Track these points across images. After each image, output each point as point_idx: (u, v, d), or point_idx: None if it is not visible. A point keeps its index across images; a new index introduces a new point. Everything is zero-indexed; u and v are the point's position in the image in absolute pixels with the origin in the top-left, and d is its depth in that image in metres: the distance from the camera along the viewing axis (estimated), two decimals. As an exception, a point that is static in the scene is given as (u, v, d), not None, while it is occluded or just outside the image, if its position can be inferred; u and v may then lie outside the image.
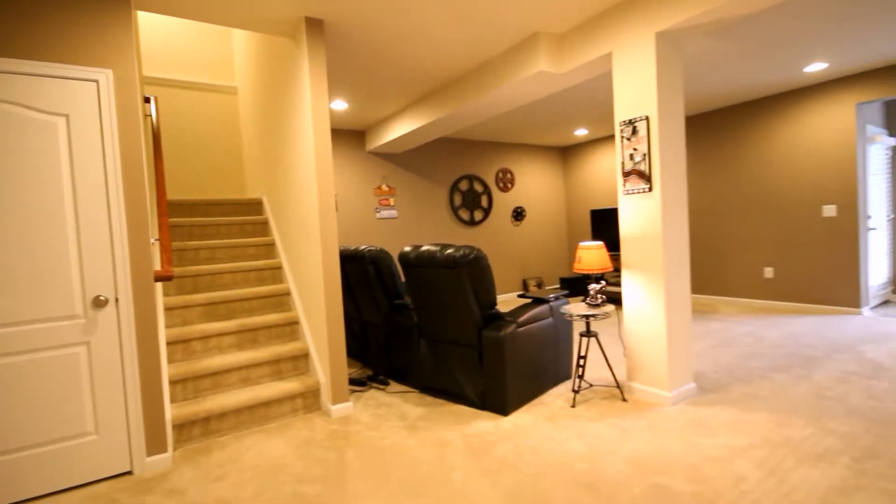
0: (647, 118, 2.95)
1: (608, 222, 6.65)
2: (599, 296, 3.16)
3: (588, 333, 3.13)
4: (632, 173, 3.06)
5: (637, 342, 3.10)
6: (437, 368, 3.32)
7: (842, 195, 5.05)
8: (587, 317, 3.02)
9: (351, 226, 6.21)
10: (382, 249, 3.77)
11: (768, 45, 3.89)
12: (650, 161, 2.95)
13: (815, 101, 5.16)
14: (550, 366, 3.33)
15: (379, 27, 3.23)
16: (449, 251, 3.02)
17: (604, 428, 2.67)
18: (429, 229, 6.85)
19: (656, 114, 2.91)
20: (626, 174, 3.09)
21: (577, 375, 3.39)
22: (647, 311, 3.02)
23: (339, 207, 6.12)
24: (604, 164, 7.62)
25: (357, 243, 6.23)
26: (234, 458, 2.56)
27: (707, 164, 6.23)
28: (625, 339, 3.19)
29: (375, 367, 4.04)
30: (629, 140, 3.06)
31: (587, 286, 3.10)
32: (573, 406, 3.01)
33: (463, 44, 3.58)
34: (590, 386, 3.34)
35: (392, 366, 3.81)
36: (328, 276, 3.10)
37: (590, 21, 3.28)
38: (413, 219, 6.71)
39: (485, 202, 7.35)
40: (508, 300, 7.31)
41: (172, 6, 2.78)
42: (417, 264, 3.21)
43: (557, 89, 3.95)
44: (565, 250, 8.36)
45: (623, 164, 3.11)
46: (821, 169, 5.18)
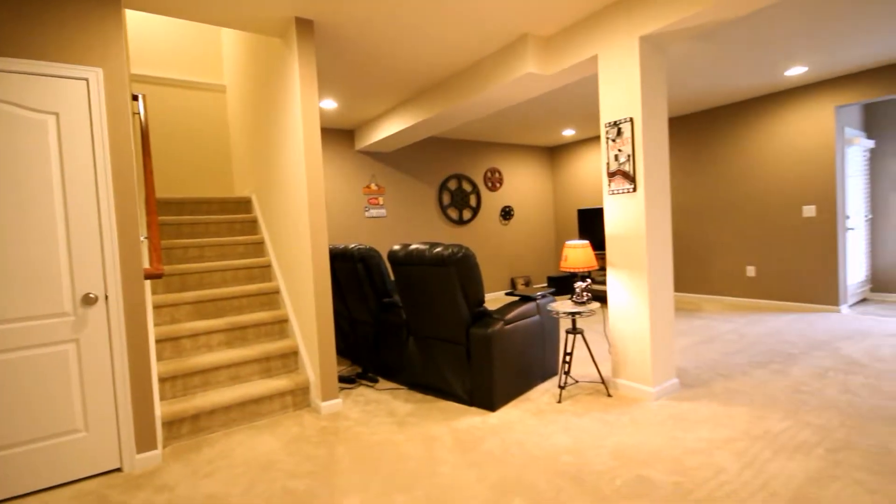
0: (632, 120, 3.01)
1: (595, 222, 6.74)
2: (585, 294, 3.22)
3: (574, 330, 3.19)
4: (616, 174, 3.13)
5: (621, 339, 3.17)
6: (426, 365, 3.36)
7: (821, 196, 5.18)
8: (573, 314, 3.09)
9: (340, 224, 6.22)
10: (372, 248, 3.80)
11: (750, 50, 3.99)
12: (634, 162, 3.02)
13: (796, 104, 5.29)
14: (537, 362, 3.39)
15: (369, 28, 3.26)
16: (438, 249, 3.06)
17: (589, 422, 2.73)
18: (418, 228, 6.89)
19: (640, 116, 2.98)
20: (611, 175, 3.16)
21: (564, 372, 3.45)
22: (631, 309, 3.09)
23: (328, 206, 6.13)
24: (591, 165, 7.71)
25: (346, 242, 6.25)
26: (224, 455, 2.58)
27: (691, 165, 6.34)
28: (610, 336, 3.26)
29: (365, 365, 4.07)
30: (614, 141, 3.13)
31: (574, 284, 3.16)
32: (559, 401, 3.07)
33: (452, 45, 3.62)
34: (576, 382, 3.41)
35: (381, 363, 3.84)
36: (318, 275, 3.13)
37: (576, 24, 3.34)
38: (402, 218, 6.75)
39: (473, 201, 7.41)
40: (497, 298, 7.38)
41: (162, 5, 2.78)
42: (406, 262, 3.24)
43: (545, 90, 4.01)
44: (553, 249, 8.45)
45: (608, 165, 3.18)
46: (801, 170, 5.32)
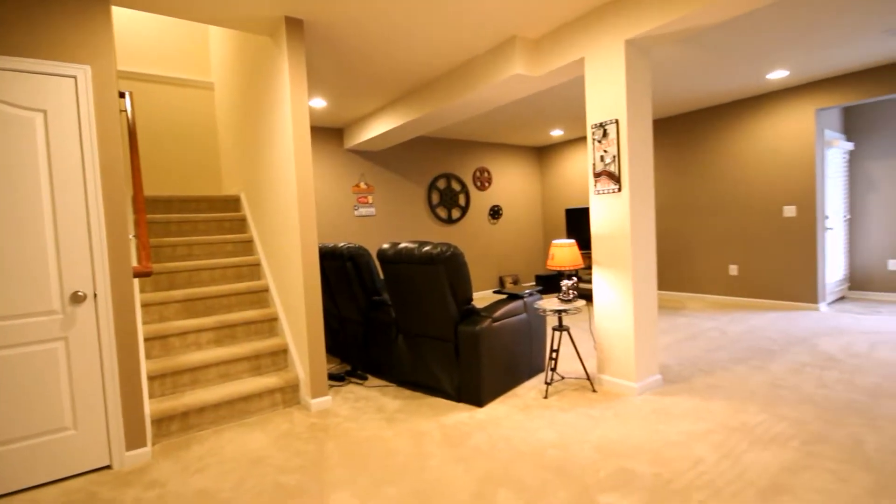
0: (617, 121, 3.08)
1: (582, 221, 6.83)
2: (571, 291, 3.29)
3: (560, 328, 3.25)
4: (602, 174, 3.19)
5: (606, 336, 3.24)
6: (415, 363, 3.40)
7: (801, 196, 5.31)
8: (559, 312, 3.15)
9: (329, 223, 6.23)
10: (361, 246, 3.83)
11: (733, 54, 4.08)
12: (619, 163, 3.08)
13: (777, 107, 5.42)
14: (524, 359, 3.44)
15: (359, 27, 3.28)
16: (426, 248, 3.10)
17: (574, 417, 2.79)
18: (407, 227, 6.92)
19: (625, 117, 3.04)
20: (597, 175, 3.23)
21: (550, 368, 3.52)
22: (616, 307, 3.16)
23: (318, 205, 6.13)
24: (578, 165, 7.80)
25: (335, 240, 6.26)
26: (214, 452, 2.59)
27: (676, 166, 6.46)
28: (595, 334, 3.33)
29: (354, 363, 4.10)
30: (600, 142, 3.19)
31: (560, 282, 3.23)
32: (546, 397, 3.13)
33: (441, 45, 3.66)
34: (562, 378, 3.47)
35: (370, 361, 3.88)
36: (307, 273, 3.15)
37: (564, 27, 3.40)
38: (391, 216, 6.77)
39: (462, 200, 7.45)
40: (485, 297, 7.44)
41: (150, 2, 2.78)
42: (395, 261, 3.28)
43: (533, 92, 4.07)
44: (541, 248, 8.53)
45: (594, 166, 3.24)
46: (782, 171, 5.45)
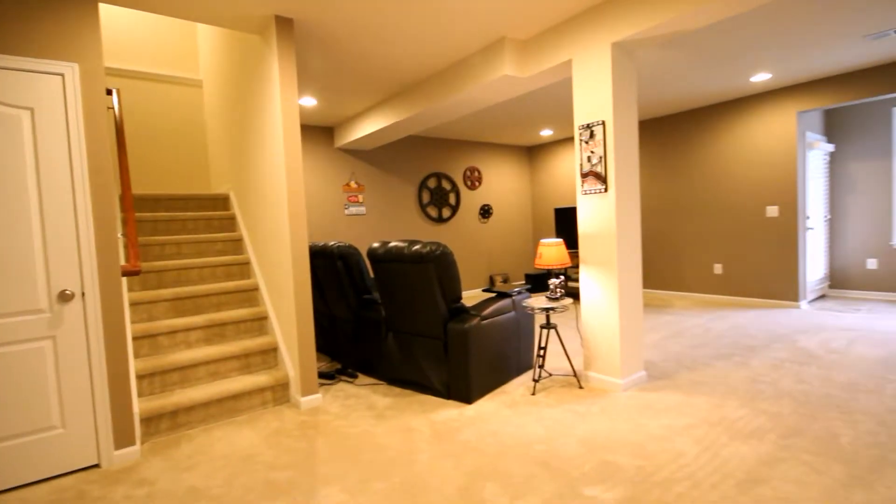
0: (604, 123, 3.14)
1: (571, 220, 6.90)
2: (559, 290, 3.34)
3: (548, 326, 3.31)
4: (589, 174, 3.25)
5: (593, 334, 3.30)
6: (405, 360, 3.44)
7: (783, 197, 5.43)
8: (547, 310, 3.20)
9: (320, 222, 6.23)
10: (351, 245, 3.85)
11: (717, 57, 4.17)
12: (606, 163, 3.14)
13: (760, 109, 5.53)
14: (513, 356, 3.49)
15: (350, 27, 3.30)
16: (416, 247, 3.13)
17: (561, 413, 2.85)
18: (397, 226, 6.94)
19: (612, 119, 3.10)
20: (584, 175, 3.28)
21: (538, 365, 3.57)
22: (602, 305, 3.22)
23: (308, 204, 6.13)
24: (568, 164, 7.88)
25: (326, 239, 6.27)
26: (204, 450, 2.61)
27: (662, 167, 6.56)
28: (582, 331, 3.39)
29: (344, 361, 4.12)
30: (587, 143, 3.25)
31: (548, 281, 3.28)
32: (533, 394, 3.18)
33: (432, 46, 3.69)
34: (549, 375, 3.53)
35: (361, 359, 3.90)
36: (297, 272, 3.17)
37: (552, 29, 3.45)
38: (382, 215, 6.79)
39: (453, 200, 7.49)
40: (475, 295, 7.49)
41: (138, 0, 2.78)
42: (385, 260, 3.31)
43: (522, 92, 4.12)
44: (531, 247, 8.60)
45: (581, 166, 3.30)
46: (765, 172, 5.56)
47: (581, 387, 3.27)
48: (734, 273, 5.93)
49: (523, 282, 8.41)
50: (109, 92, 3.77)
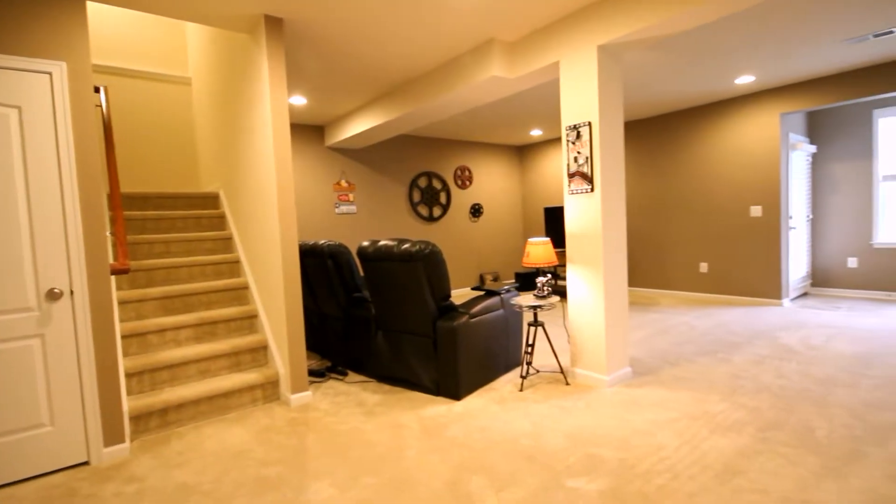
0: (590, 124, 3.19)
1: (560, 219, 6.97)
2: (546, 288, 3.40)
3: (535, 323, 3.36)
4: (576, 175, 3.30)
5: (579, 331, 3.36)
6: (394, 358, 3.47)
7: (767, 197, 5.54)
8: (534, 307, 3.25)
9: (310, 221, 6.24)
10: (341, 244, 3.87)
11: (702, 59, 4.24)
12: (592, 164, 3.20)
13: (744, 111, 5.63)
14: (501, 354, 3.55)
15: (339, 27, 3.32)
16: (405, 246, 3.17)
17: (547, 408, 2.91)
18: (388, 225, 6.97)
19: (598, 120, 3.16)
20: (571, 175, 3.34)
21: (526, 362, 3.63)
22: (588, 303, 3.28)
23: (298, 202, 6.13)
24: (557, 164, 7.95)
25: (316, 238, 6.27)
26: (194, 447, 2.62)
27: (648, 167, 6.65)
28: (569, 329, 3.45)
29: (334, 359, 4.15)
30: (574, 144, 3.30)
31: (536, 279, 3.34)
32: (521, 390, 3.24)
33: (422, 46, 3.72)
34: (537, 372, 3.59)
35: (350, 357, 3.93)
36: (287, 270, 3.19)
37: (539, 31, 3.50)
38: (372, 214, 6.81)
39: (443, 199, 7.53)
40: (466, 294, 7.53)
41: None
42: (375, 258, 3.34)
43: (510, 93, 4.17)
44: (521, 246, 8.67)
45: (568, 166, 3.35)
46: (748, 173, 5.67)
47: (568, 383, 3.33)
48: (719, 272, 6.04)
49: (513, 280, 8.48)
50: (97, 89, 3.76)
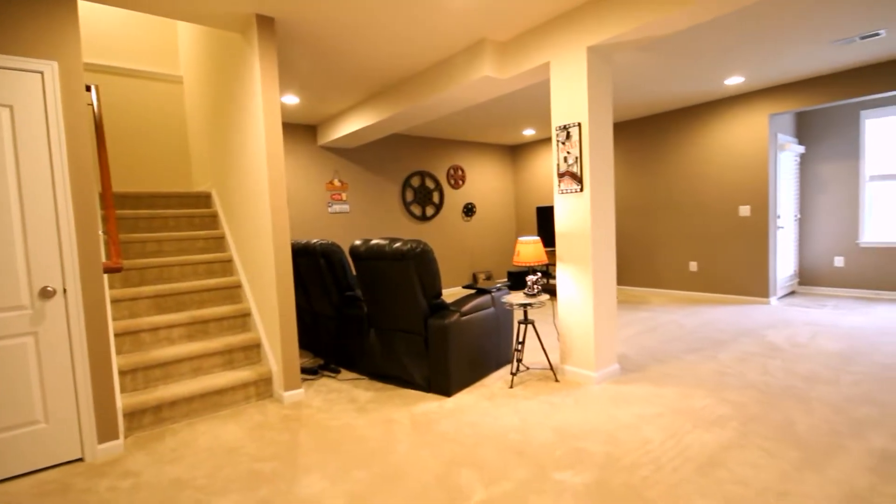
0: (579, 124, 3.24)
1: (552, 219, 7.03)
2: (536, 287, 3.45)
3: (525, 321, 3.41)
4: (566, 175, 3.35)
5: (568, 329, 3.41)
6: (386, 356, 3.51)
7: (755, 197, 5.62)
8: (524, 305, 3.30)
9: (303, 220, 6.25)
10: (333, 243, 3.90)
11: (691, 60, 4.31)
12: (581, 164, 3.25)
13: (733, 112, 5.71)
14: (492, 351, 3.59)
15: (331, 26, 3.35)
16: (397, 245, 3.21)
17: (536, 404, 2.95)
18: (381, 224, 6.99)
19: (587, 120, 3.21)
20: (561, 175, 3.38)
21: (516, 359, 3.67)
22: (577, 301, 3.33)
23: (291, 201, 6.15)
24: (549, 163, 8.01)
25: (309, 237, 6.29)
26: (188, 443, 2.65)
27: (638, 167, 6.72)
28: (558, 327, 3.50)
29: (327, 357, 4.18)
30: (564, 144, 3.35)
31: (526, 278, 3.38)
32: (511, 387, 3.28)
33: (414, 46, 3.76)
34: (527, 369, 3.64)
35: (343, 354, 3.96)
36: (280, 269, 3.22)
37: (530, 32, 3.54)
38: (365, 213, 6.83)
39: (436, 198, 7.57)
40: (458, 292, 7.58)
41: (121, -1, 2.80)
42: (367, 257, 3.37)
43: (502, 93, 4.21)
44: (513, 245, 8.72)
45: (558, 166, 3.40)
46: (738, 173, 5.75)
47: (557, 380, 3.38)
48: (708, 270, 6.12)
49: (505, 279, 8.53)
50: (88, 88, 3.76)
